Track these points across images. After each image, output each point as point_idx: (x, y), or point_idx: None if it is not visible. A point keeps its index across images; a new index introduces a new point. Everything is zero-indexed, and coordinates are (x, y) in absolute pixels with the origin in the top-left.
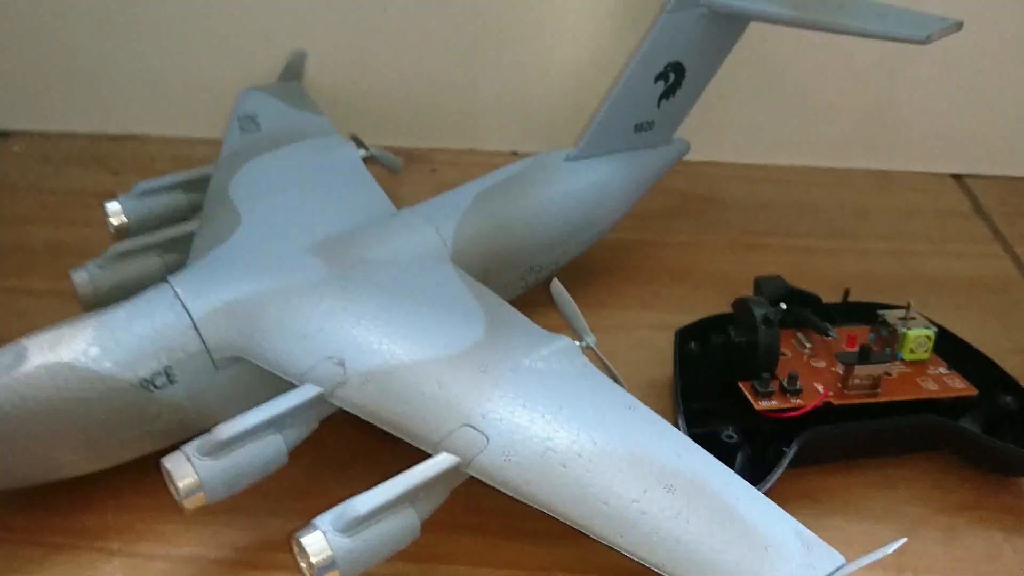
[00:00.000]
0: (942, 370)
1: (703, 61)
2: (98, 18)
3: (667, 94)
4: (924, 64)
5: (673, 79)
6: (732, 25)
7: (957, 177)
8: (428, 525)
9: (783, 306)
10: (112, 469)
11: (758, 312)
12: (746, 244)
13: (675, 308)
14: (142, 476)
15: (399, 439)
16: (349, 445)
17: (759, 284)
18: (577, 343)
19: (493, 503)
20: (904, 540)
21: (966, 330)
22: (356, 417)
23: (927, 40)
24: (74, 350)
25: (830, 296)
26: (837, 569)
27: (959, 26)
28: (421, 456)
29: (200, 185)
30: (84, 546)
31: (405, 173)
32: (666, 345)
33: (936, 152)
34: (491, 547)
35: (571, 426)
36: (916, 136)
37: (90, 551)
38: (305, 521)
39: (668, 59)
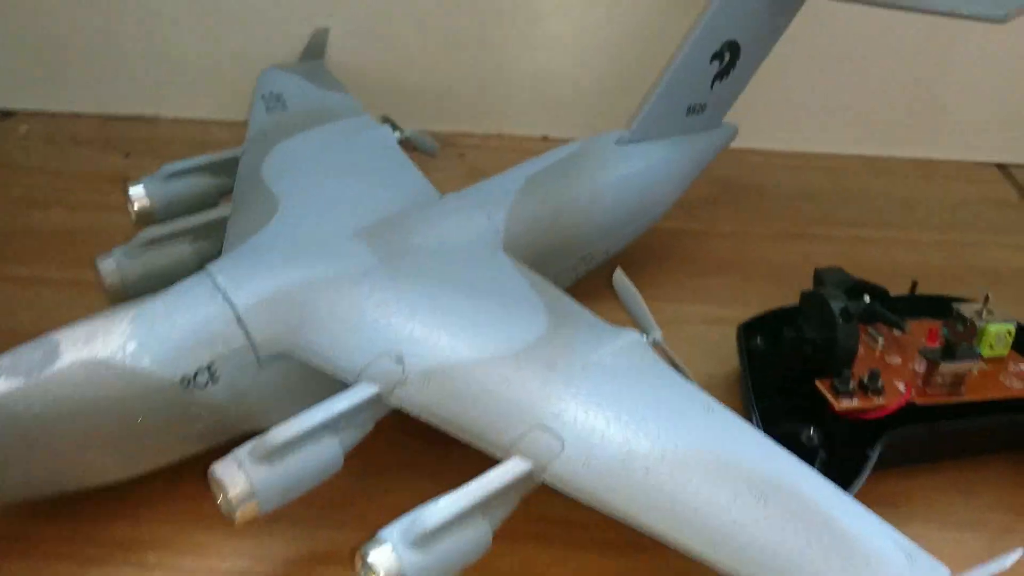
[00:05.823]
0: (1023, 366)
1: (759, 40)
2: None
3: (721, 75)
4: (969, 53)
5: (728, 59)
6: (790, 2)
7: (1001, 167)
8: None
9: (867, 299)
10: (145, 474)
11: (836, 306)
12: (793, 234)
13: (726, 301)
14: (177, 481)
15: (447, 442)
16: (394, 449)
17: (821, 276)
18: (643, 337)
19: (556, 510)
20: (1022, 551)
21: None
22: (401, 420)
23: (1004, 19)
24: (110, 346)
25: (890, 288)
26: None
27: None
28: (472, 460)
29: (228, 168)
30: (119, 559)
31: (432, 158)
32: (720, 340)
33: (980, 141)
34: (555, 559)
35: (650, 428)
36: (960, 125)
37: (125, 565)
38: (357, 531)
39: (725, 37)
